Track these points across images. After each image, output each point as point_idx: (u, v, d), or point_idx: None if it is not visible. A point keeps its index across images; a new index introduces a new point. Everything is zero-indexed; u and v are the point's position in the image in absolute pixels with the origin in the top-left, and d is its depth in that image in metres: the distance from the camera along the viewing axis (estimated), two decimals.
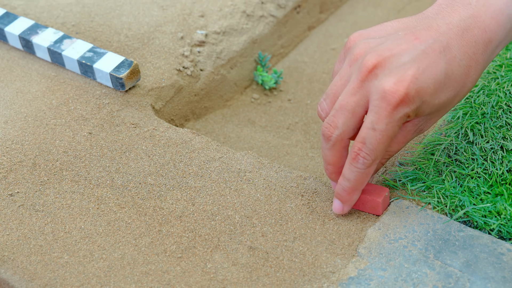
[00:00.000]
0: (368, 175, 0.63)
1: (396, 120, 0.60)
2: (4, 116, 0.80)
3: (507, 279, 0.61)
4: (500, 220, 0.65)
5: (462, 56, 0.62)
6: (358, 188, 0.65)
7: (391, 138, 0.61)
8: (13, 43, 0.89)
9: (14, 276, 0.64)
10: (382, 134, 0.61)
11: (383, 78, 0.60)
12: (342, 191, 0.65)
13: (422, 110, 0.62)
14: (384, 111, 0.60)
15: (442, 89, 0.62)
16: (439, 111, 0.64)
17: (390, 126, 0.60)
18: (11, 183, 0.72)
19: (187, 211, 0.69)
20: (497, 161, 0.69)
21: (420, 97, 0.60)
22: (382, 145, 0.61)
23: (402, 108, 0.60)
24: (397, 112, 0.60)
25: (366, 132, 0.61)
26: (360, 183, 0.64)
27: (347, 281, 0.62)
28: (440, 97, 0.62)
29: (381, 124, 0.60)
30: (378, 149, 0.61)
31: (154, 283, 0.63)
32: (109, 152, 0.75)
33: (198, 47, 0.91)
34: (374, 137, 0.61)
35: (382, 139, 0.61)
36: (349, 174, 0.63)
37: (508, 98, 0.75)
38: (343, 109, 0.62)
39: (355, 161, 0.62)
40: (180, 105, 0.88)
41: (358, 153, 0.62)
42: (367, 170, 0.63)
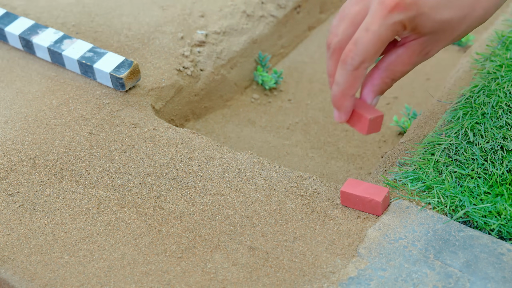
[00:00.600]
0: (356, 78, 0.63)
1: (389, 24, 0.61)
2: (4, 116, 0.80)
3: (507, 279, 0.61)
4: (500, 220, 0.65)
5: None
6: (347, 93, 0.64)
7: (383, 41, 0.61)
8: (13, 43, 0.89)
9: (14, 276, 0.64)
10: (374, 34, 0.61)
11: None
12: (334, 97, 0.65)
13: (422, 23, 0.62)
14: (379, 12, 0.60)
15: (445, 5, 0.61)
16: (444, 32, 0.63)
17: (383, 28, 0.61)
18: (11, 183, 0.72)
19: (187, 211, 0.69)
20: (497, 161, 0.69)
21: (417, 7, 0.60)
22: (373, 46, 0.61)
23: (397, 13, 0.60)
24: (392, 16, 0.60)
25: (359, 33, 0.61)
26: (349, 86, 0.63)
27: (347, 281, 0.62)
28: (443, 13, 0.62)
29: (374, 25, 0.61)
30: (368, 50, 0.61)
31: (154, 283, 0.63)
32: (109, 152, 0.75)
33: (198, 47, 0.91)
34: (365, 37, 0.61)
35: (373, 40, 0.61)
36: (338, 76, 0.63)
37: (508, 98, 0.75)
38: (344, 18, 0.63)
39: (344, 62, 0.62)
40: (180, 105, 0.88)
41: (347, 54, 0.62)
42: (355, 72, 0.62)
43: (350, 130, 0.91)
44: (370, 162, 0.87)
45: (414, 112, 0.90)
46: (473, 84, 0.78)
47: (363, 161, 0.87)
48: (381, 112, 0.66)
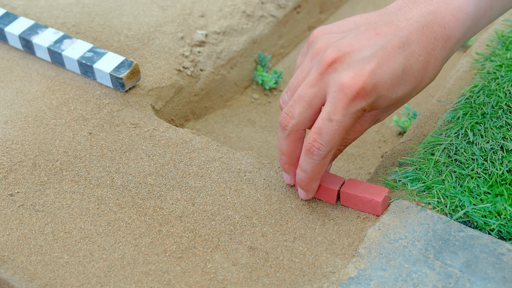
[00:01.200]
0: (324, 165, 0.64)
1: (352, 113, 0.62)
2: (4, 116, 0.80)
3: (507, 279, 0.61)
4: (500, 220, 0.65)
5: (421, 51, 0.63)
6: (315, 178, 0.65)
7: (347, 129, 0.62)
8: (13, 43, 0.89)
9: (14, 276, 0.64)
10: (339, 125, 0.62)
11: (342, 72, 0.61)
12: (300, 182, 0.66)
13: (379, 104, 0.63)
14: (341, 102, 0.61)
15: (399, 84, 0.63)
16: (396, 104, 0.66)
17: (347, 118, 0.61)
18: (11, 183, 0.72)
19: (187, 211, 0.69)
20: (497, 161, 0.69)
21: (377, 92, 0.62)
22: (338, 136, 0.62)
23: (358, 101, 0.61)
24: (354, 105, 0.61)
25: (322, 123, 0.62)
26: (316, 173, 0.65)
27: (347, 281, 0.62)
28: (397, 92, 0.63)
29: (338, 115, 0.61)
30: (334, 140, 0.62)
31: (154, 283, 0.63)
32: (109, 152, 0.75)
33: (198, 47, 0.91)
34: (330, 128, 0.62)
35: (338, 130, 0.62)
36: (305, 165, 0.64)
37: (508, 98, 0.75)
38: (300, 100, 0.63)
39: (310, 153, 0.63)
40: (180, 105, 0.88)
41: (313, 144, 0.62)
42: (322, 161, 0.63)
43: None
44: (370, 162, 0.87)
45: (414, 112, 0.90)
46: (473, 84, 0.78)
47: (363, 161, 0.87)
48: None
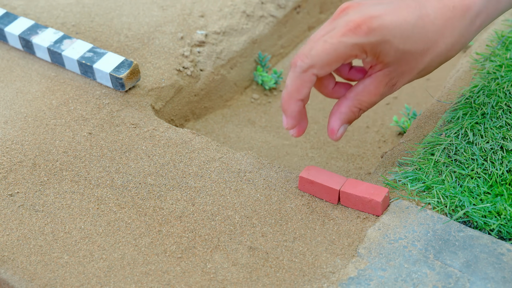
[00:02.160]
0: (304, 82, 0.63)
1: (348, 43, 0.62)
2: (4, 116, 0.80)
3: (507, 279, 0.61)
4: (500, 220, 0.65)
5: (437, 15, 0.63)
6: (293, 96, 0.64)
7: (337, 56, 0.62)
8: (13, 43, 0.89)
9: (14, 276, 0.64)
10: (331, 46, 0.62)
11: (352, 13, 0.63)
12: (282, 100, 0.66)
13: (385, 51, 0.63)
14: (342, 29, 0.62)
15: (409, 37, 0.63)
16: (408, 63, 0.65)
17: (341, 45, 0.62)
18: (11, 183, 0.72)
19: (187, 211, 0.69)
20: (497, 161, 0.69)
21: (381, 33, 0.62)
22: (325, 55, 0.62)
23: (358, 34, 0.61)
24: (352, 35, 0.61)
25: (316, 42, 0.62)
26: (295, 89, 0.64)
27: (347, 281, 0.62)
28: (405, 44, 0.63)
29: (333, 38, 0.62)
30: (319, 56, 0.62)
31: (154, 283, 0.63)
32: (109, 152, 0.75)
33: (198, 47, 0.91)
34: (320, 45, 0.62)
35: (327, 50, 0.62)
36: (288, 80, 0.64)
37: (508, 99, 0.75)
38: (311, 41, 0.64)
39: (293, 64, 0.63)
40: (180, 105, 0.88)
41: (299, 56, 0.63)
42: (302, 75, 0.63)
43: (349, 130, 0.91)
44: (370, 162, 0.87)
45: (414, 112, 0.90)
46: (473, 84, 0.78)
47: (363, 161, 0.87)
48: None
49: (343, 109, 0.67)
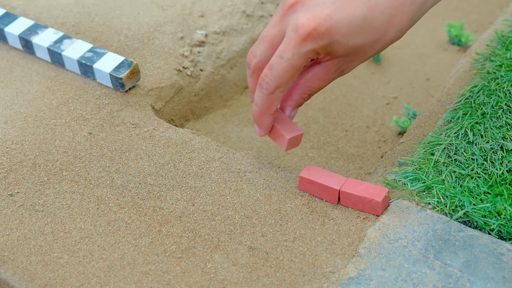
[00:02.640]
0: (272, 101, 0.67)
1: (302, 53, 0.63)
2: (4, 116, 0.80)
3: (507, 279, 0.61)
4: (500, 220, 0.65)
5: (387, 4, 0.63)
6: (265, 113, 0.68)
7: (297, 69, 0.64)
8: (13, 43, 0.89)
9: (14, 276, 0.64)
10: (288, 63, 0.64)
11: (300, 13, 0.63)
12: (254, 115, 0.70)
13: (335, 50, 0.64)
14: (293, 41, 0.63)
15: (358, 32, 0.63)
16: (358, 54, 0.66)
17: (296, 57, 0.63)
18: (11, 183, 0.72)
19: (187, 211, 0.69)
20: (497, 161, 0.69)
21: (331, 36, 0.63)
22: (287, 73, 0.64)
23: (310, 42, 0.63)
24: (305, 45, 0.63)
25: (274, 59, 0.64)
26: (266, 107, 0.67)
27: (347, 281, 0.62)
28: (355, 40, 0.64)
29: (288, 53, 0.63)
30: (282, 77, 0.64)
31: (154, 283, 0.63)
32: (109, 152, 0.75)
33: (198, 47, 0.91)
34: (279, 65, 0.64)
35: (286, 68, 0.64)
36: (257, 98, 0.67)
37: (508, 98, 0.75)
38: (262, 40, 0.67)
39: (260, 86, 0.66)
40: (180, 105, 0.88)
41: (263, 78, 0.65)
42: (270, 96, 0.66)
43: (350, 130, 0.91)
44: (370, 162, 0.87)
45: (414, 112, 0.90)
46: (473, 84, 0.78)
47: (363, 161, 0.87)
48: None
49: (294, 96, 0.70)
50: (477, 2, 1.14)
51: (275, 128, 0.71)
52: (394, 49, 1.05)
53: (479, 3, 1.14)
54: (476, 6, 1.13)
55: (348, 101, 0.96)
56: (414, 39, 1.07)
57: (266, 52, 0.67)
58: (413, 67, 1.01)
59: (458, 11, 1.13)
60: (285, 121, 0.71)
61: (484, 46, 0.86)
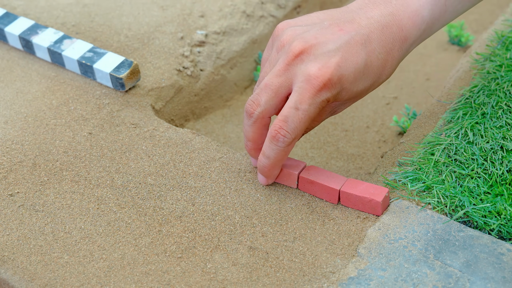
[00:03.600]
0: (287, 152, 0.66)
1: (318, 103, 0.64)
2: (4, 116, 0.80)
3: (507, 279, 0.61)
4: (500, 220, 0.65)
5: (381, 49, 0.66)
6: (277, 165, 0.68)
7: (312, 118, 0.65)
8: (13, 43, 0.89)
9: (14, 276, 0.64)
10: (304, 114, 0.64)
11: (309, 63, 0.64)
12: (263, 168, 0.68)
13: (341, 96, 0.66)
14: (308, 92, 0.63)
15: (361, 78, 0.65)
16: (355, 98, 0.68)
17: (313, 107, 0.64)
18: (11, 183, 0.72)
19: (187, 211, 0.69)
20: (497, 161, 0.69)
21: (341, 84, 0.64)
22: (303, 124, 0.64)
23: (324, 92, 0.63)
24: (320, 95, 0.63)
25: (289, 111, 0.64)
26: (279, 160, 0.67)
27: (347, 281, 0.62)
28: (359, 85, 0.66)
29: (305, 104, 0.63)
30: (299, 128, 0.64)
31: (154, 283, 0.63)
32: (109, 152, 0.75)
33: (198, 47, 0.91)
34: (296, 116, 0.64)
35: (303, 119, 0.64)
36: (269, 151, 0.66)
37: (508, 98, 0.75)
38: (267, 89, 0.66)
39: (275, 139, 0.65)
40: (180, 105, 0.88)
41: (278, 131, 0.65)
42: (286, 148, 0.66)
43: (350, 130, 0.91)
44: (370, 162, 0.87)
45: (414, 112, 0.90)
46: (473, 84, 0.78)
47: (363, 161, 0.87)
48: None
49: None
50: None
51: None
52: None
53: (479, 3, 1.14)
54: (476, 6, 1.13)
55: None
56: None
57: (271, 101, 0.66)
58: (413, 67, 1.01)
59: None
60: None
61: (484, 46, 0.86)
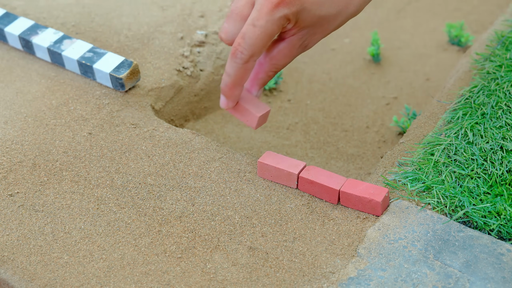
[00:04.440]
0: (246, 70, 0.67)
1: (275, 19, 0.64)
2: (4, 116, 0.80)
3: (507, 280, 0.61)
4: (499, 221, 0.65)
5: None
6: (238, 83, 0.68)
7: (270, 36, 0.65)
8: (13, 43, 0.89)
9: (14, 276, 0.64)
10: (261, 30, 0.64)
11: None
12: (224, 86, 0.69)
13: (303, 18, 0.66)
14: (265, 8, 0.64)
15: (324, 2, 0.66)
16: (322, 26, 0.68)
17: (270, 23, 0.64)
18: (11, 183, 0.72)
19: (187, 211, 0.69)
20: (497, 162, 0.69)
21: (301, 2, 0.64)
22: (260, 41, 0.65)
23: (282, 8, 0.64)
24: (277, 11, 0.64)
25: (246, 28, 0.65)
26: (239, 78, 0.67)
27: (347, 282, 0.62)
28: (321, 9, 0.66)
29: (261, 20, 0.64)
30: (256, 45, 0.65)
31: (154, 283, 0.63)
32: (109, 153, 0.75)
33: (198, 47, 0.91)
34: (253, 33, 0.64)
35: (260, 35, 0.64)
36: (229, 68, 0.67)
37: (507, 99, 0.75)
38: (232, 14, 0.67)
39: (234, 56, 0.66)
40: (180, 105, 0.88)
41: (237, 48, 0.65)
42: (245, 65, 0.66)
43: (350, 130, 0.91)
44: (370, 162, 0.87)
45: (414, 112, 0.90)
46: (473, 85, 0.78)
47: (363, 161, 0.87)
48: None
49: (260, 74, 0.71)
50: (477, 2, 1.14)
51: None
52: (394, 49, 1.05)
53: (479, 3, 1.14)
54: (476, 6, 1.13)
55: (348, 101, 0.96)
56: (414, 39, 1.07)
57: (239, 25, 0.67)
58: (413, 67, 1.02)
59: (458, 11, 1.13)
60: (252, 100, 0.71)
61: (484, 46, 0.86)
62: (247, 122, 0.71)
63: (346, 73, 1.00)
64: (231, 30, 0.67)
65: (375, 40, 1.01)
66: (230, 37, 0.67)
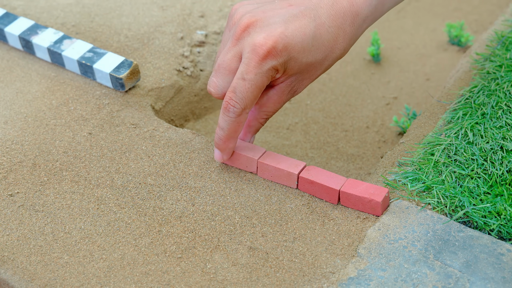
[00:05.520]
0: (239, 123, 0.68)
1: (264, 71, 0.65)
2: (4, 116, 0.80)
3: (507, 280, 0.61)
4: (500, 221, 0.65)
5: (331, 24, 0.67)
6: (232, 136, 0.69)
7: (260, 88, 0.66)
8: (13, 44, 0.89)
9: (14, 276, 0.64)
10: (251, 83, 0.65)
11: (255, 35, 0.65)
12: (219, 140, 0.70)
13: (290, 67, 0.67)
14: (253, 61, 0.65)
15: (310, 50, 0.66)
16: (309, 72, 0.69)
17: (259, 76, 0.65)
18: (11, 183, 0.72)
19: (187, 211, 0.69)
20: (497, 162, 0.69)
21: (288, 52, 0.65)
22: (251, 94, 0.66)
23: (270, 60, 0.65)
24: (265, 63, 0.65)
25: (237, 82, 0.66)
26: (233, 131, 0.68)
27: (347, 282, 0.62)
28: (308, 57, 0.67)
29: (250, 74, 0.65)
30: (247, 98, 0.66)
31: (154, 283, 0.63)
32: (109, 153, 0.75)
33: (198, 47, 0.91)
34: (243, 86, 0.65)
35: (250, 88, 0.65)
36: (222, 123, 0.68)
37: (507, 99, 0.75)
38: (220, 68, 0.68)
39: (227, 110, 0.67)
40: (180, 106, 0.88)
41: (228, 102, 0.66)
42: (238, 119, 0.67)
43: (350, 130, 0.91)
44: (370, 162, 0.87)
45: (414, 112, 0.90)
46: (473, 85, 0.78)
47: (363, 161, 0.87)
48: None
49: (252, 122, 0.72)
50: (477, 2, 1.14)
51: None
52: (394, 49, 1.05)
53: (479, 3, 1.14)
54: (476, 6, 1.13)
55: (348, 101, 0.96)
56: (414, 39, 1.07)
57: (227, 79, 0.68)
58: (413, 67, 1.01)
59: (458, 11, 1.13)
60: (246, 145, 0.72)
61: (484, 46, 0.86)
62: (247, 168, 0.72)
63: (346, 73, 1.00)
64: (220, 84, 0.68)
65: (375, 40, 1.01)
66: (219, 91, 0.68)
